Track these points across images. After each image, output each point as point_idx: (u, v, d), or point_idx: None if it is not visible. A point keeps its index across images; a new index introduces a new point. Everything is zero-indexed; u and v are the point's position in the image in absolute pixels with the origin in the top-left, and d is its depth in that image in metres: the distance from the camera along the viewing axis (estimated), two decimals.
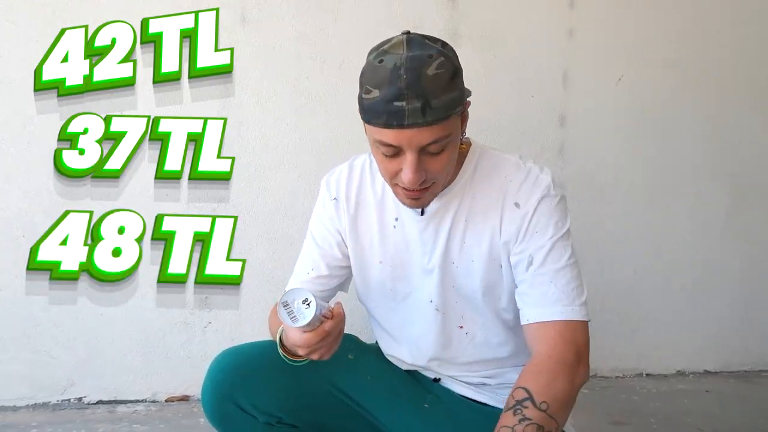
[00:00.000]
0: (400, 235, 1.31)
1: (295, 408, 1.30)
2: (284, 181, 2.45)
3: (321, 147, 2.43)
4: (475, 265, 1.26)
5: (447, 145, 1.14)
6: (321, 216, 1.37)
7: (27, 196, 2.35)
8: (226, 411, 1.27)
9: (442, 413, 1.33)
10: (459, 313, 1.30)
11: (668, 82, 2.83)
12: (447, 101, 1.11)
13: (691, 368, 2.89)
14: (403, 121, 1.09)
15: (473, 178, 1.28)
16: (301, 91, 2.45)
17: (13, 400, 2.27)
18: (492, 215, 1.25)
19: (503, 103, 2.63)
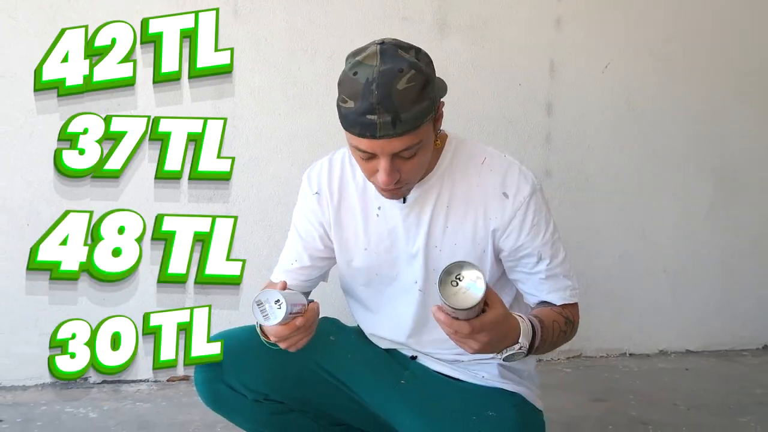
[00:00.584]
0: (383, 223, 1.39)
1: (281, 386, 1.42)
2: (278, 170, 2.47)
3: (313, 136, 2.45)
4: (458, 248, 1.36)
5: (419, 150, 1.23)
6: (303, 209, 1.47)
7: (27, 195, 2.35)
8: (218, 390, 1.41)
9: (418, 388, 1.42)
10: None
11: (654, 71, 2.85)
12: (417, 112, 1.18)
13: (674, 348, 2.95)
14: (375, 133, 1.17)
15: (451, 167, 1.36)
16: (293, 82, 2.47)
17: (22, 380, 2.29)
18: (475, 201, 1.35)
19: (490, 92, 2.65)
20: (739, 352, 2.96)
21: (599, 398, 2.40)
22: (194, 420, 2.08)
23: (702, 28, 2.84)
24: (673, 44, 2.82)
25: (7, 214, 2.31)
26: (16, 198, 2.31)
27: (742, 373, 2.71)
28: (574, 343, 2.76)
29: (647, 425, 2.15)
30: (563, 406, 2.24)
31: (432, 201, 1.37)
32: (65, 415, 2.09)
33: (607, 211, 2.84)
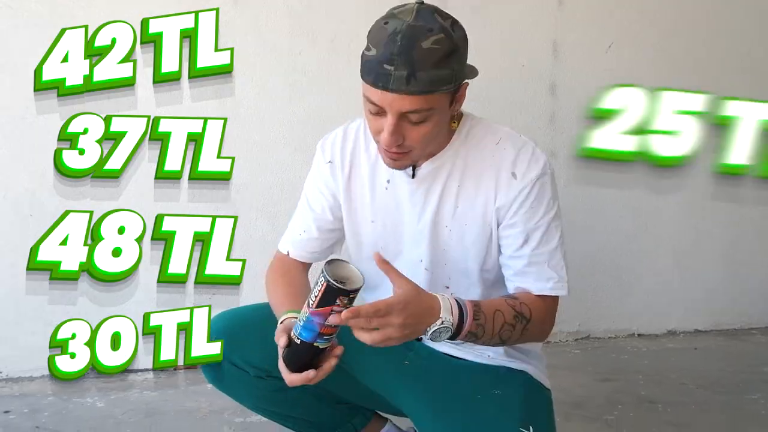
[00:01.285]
0: (391, 196, 1.37)
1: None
2: (280, 156, 2.47)
3: (315, 121, 2.44)
4: (468, 228, 1.34)
5: (428, 118, 1.20)
6: (316, 179, 1.46)
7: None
8: (221, 368, 1.43)
9: (423, 369, 1.41)
10: (446, 274, 1.38)
11: (658, 49, 2.83)
12: (434, 77, 1.17)
13: (682, 328, 2.94)
14: (387, 85, 1.16)
15: (465, 145, 1.34)
16: (294, 66, 2.46)
17: (29, 371, 2.29)
18: (486, 181, 1.32)
19: (494, 73, 2.62)
20: (748, 330, 2.96)
21: (607, 378, 2.40)
22: (202, 407, 2.09)
23: (708, 5, 2.83)
24: (678, 21, 2.81)
25: (7, 211, 2.31)
26: (16, 196, 2.31)
27: (751, 351, 2.72)
28: (582, 325, 2.79)
29: (656, 404, 2.15)
30: (571, 386, 2.24)
31: (443, 179, 1.35)
32: (72, 405, 2.10)
33: (613, 191, 2.83)
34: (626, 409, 2.11)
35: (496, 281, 1.40)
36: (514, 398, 1.36)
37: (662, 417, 2.06)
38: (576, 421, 2.00)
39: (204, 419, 2.02)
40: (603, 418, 2.04)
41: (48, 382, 2.27)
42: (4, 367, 2.28)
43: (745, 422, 2.03)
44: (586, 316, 2.81)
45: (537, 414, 1.35)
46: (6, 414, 2.03)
